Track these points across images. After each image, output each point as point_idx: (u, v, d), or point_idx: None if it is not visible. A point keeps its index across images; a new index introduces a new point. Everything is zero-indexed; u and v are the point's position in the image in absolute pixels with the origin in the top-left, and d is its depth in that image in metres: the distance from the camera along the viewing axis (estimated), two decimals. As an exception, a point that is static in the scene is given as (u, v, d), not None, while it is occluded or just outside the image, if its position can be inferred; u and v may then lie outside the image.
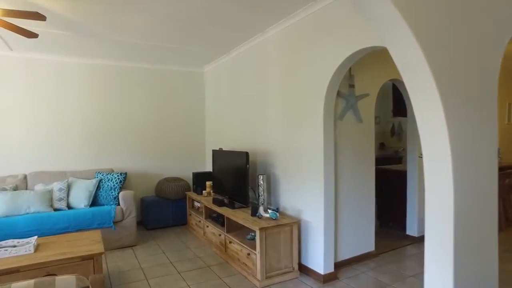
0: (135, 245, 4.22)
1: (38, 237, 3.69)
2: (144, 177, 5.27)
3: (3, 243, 2.86)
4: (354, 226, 3.50)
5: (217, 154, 4.51)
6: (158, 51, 4.54)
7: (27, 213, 3.83)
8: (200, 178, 4.93)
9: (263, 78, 3.93)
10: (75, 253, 2.69)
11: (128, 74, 5.11)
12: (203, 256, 3.80)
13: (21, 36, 3.84)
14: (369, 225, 3.64)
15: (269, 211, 3.27)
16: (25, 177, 4.30)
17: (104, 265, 3.57)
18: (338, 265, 3.29)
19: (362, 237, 3.58)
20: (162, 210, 4.99)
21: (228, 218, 3.62)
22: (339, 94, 3.25)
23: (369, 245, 3.65)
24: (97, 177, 4.46)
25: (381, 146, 7.00)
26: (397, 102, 4.45)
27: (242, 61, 4.41)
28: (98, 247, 2.79)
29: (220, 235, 3.84)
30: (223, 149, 4.74)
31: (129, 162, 5.15)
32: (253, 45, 4.10)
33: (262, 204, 3.56)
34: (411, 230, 4.16)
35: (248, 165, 3.66)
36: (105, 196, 4.32)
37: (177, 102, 5.49)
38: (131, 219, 4.18)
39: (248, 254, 3.19)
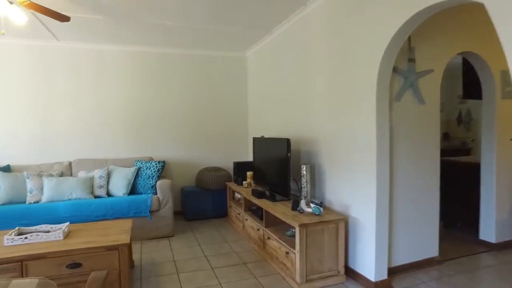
0: (171, 236, 4.08)
1: (76, 223, 3.70)
2: (184, 167, 5.14)
3: (38, 227, 2.83)
4: (412, 227, 2.96)
5: (258, 142, 4.19)
6: (197, 34, 4.31)
7: (70, 199, 3.86)
8: (241, 168, 4.66)
9: (306, 59, 3.51)
10: (100, 243, 2.54)
11: (168, 60, 4.98)
12: (240, 252, 3.52)
13: (66, 26, 3.87)
14: (431, 226, 3.07)
15: (312, 205, 2.88)
16: (69, 164, 4.37)
17: (137, 255, 3.46)
18: (393, 272, 2.80)
19: (423, 239, 3.02)
20: (202, 201, 4.81)
21: (267, 212, 3.30)
22: (395, 70, 2.73)
23: (431, 250, 3.08)
24: (136, 165, 4.39)
25: (445, 136, 6.17)
26: (469, 81, 3.74)
27: (284, 42, 4.01)
28: (124, 238, 2.63)
29: (258, 229, 3.53)
30: (265, 137, 4.40)
31: (170, 151, 5.05)
32: (295, 21, 3.68)
33: (305, 197, 3.18)
34: (487, 234, 3.47)
35: (289, 154, 3.28)
36: (143, 185, 4.23)
37: (219, 89, 5.26)
38: (167, 209, 4.04)
39: (287, 252, 2.83)
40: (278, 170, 3.52)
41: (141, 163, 4.40)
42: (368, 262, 2.66)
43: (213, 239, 3.94)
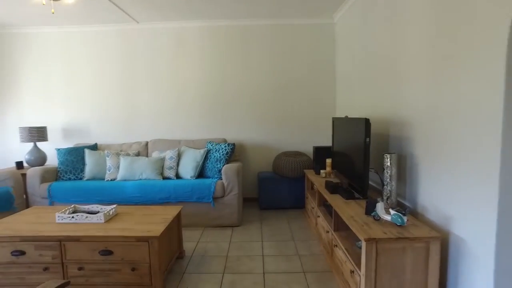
0: (237, 226, 3.72)
1: (141, 204, 3.66)
2: (261, 150, 4.70)
3: (90, 206, 2.79)
4: None
5: (338, 124, 3.41)
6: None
7: (140, 179, 3.86)
8: (321, 154, 3.95)
9: (400, 13, 2.55)
10: (133, 232, 2.30)
11: (247, 34, 4.52)
12: (305, 255, 2.91)
13: (145, 7, 3.82)
14: None
15: (392, 211, 2.05)
16: (146, 144, 4.41)
17: (192, 245, 3.20)
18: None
19: None
20: (277, 189, 4.31)
21: (336, 212, 2.58)
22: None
23: None
24: (207, 147, 4.14)
25: None
26: None
27: (374, -9, 3.07)
28: (156, 230, 2.33)
29: (328, 231, 2.84)
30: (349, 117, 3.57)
31: (246, 133, 4.66)
32: (388, -41, 2.72)
33: (387, 198, 2.34)
34: None
35: (368, 139, 2.46)
36: (211, 168, 3.96)
37: (303, 63, 4.56)
38: (233, 196, 3.67)
39: (352, 271, 2.10)
40: (355, 159, 2.72)
41: (211, 145, 4.13)
42: (478, 307, 1.73)
43: (279, 235, 3.41)
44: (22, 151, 4.75)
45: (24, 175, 4.02)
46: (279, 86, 4.59)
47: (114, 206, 2.73)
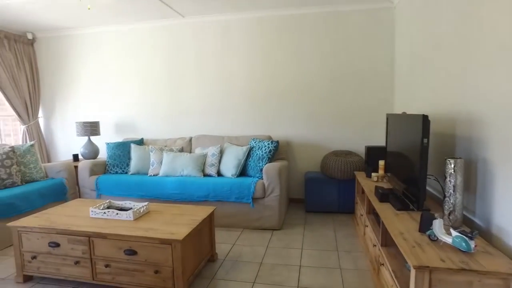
0: (277, 229, 3.48)
1: (180, 201, 3.60)
2: (309, 148, 4.37)
3: (123, 203, 2.77)
4: None
5: (393, 121, 2.96)
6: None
7: (181, 175, 3.81)
8: (373, 155, 3.52)
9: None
10: (157, 234, 2.19)
11: (296, 24, 4.21)
12: (348, 270, 2.56)
13: (189, 1, 3.75)
14: None
15: (454, 232, 1.64)
16: (190, 140, 4.36)
17: (227, 247, 3.03)
18: None
19: None
20: (325, 191, 3.98)
21: (383, 224, 2.20)
22: None
23: None
24: (250, 145, 3.95)
25: None
26: None
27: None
28: (180, 233, 2.18)
29: (375, 245, 2.46)
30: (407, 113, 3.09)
31: (293, 130, 4.37)
32: None
33: (449, 213, 1.92)
34: None
35: (425, 140, 2.04)
36: (252, 167, 3.76)
37: (356, 54, 4.12)
38: (273, 198, 3.43)
39: (398, 301, 1.73)
40: (410, 163, 2.30)
41: (255, 142, 3.92)
42: None
43: (322, 243, 3.09)
44: (79, 144, 5.05)
45: (76, 167, 4.23)
46: (330, 79, 4.21)
47: (146, 203, 2.67)
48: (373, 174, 3.23)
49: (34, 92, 4.97)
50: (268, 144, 3.75)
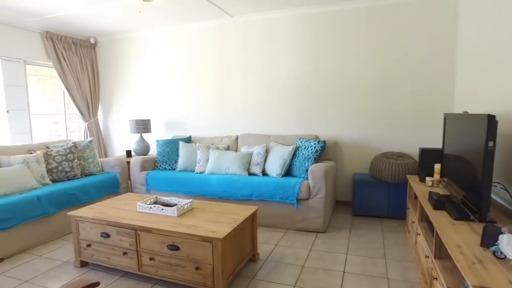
0: (322, 232, 3.36)
1: (225, 199, 3.64)
2: (358, 149, 4.18)
3: (169, 199, 2.86)
4: None
5: (451, 121, 2.70)
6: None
7: (226, 174, 3.85)
8: (428, 158, 3.26)
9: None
10: (198, 231, 2.22)
11: (340, 19, 4.04)
12: (396, 281, 2.39)
13: (237, 0, 3.78)
14: None
15: (523, 247, 1.43)
16: (236, 138, 4.39)
17: (269, 247, 3.00)
18: None
19: None
20: (374, 194, 3.77)
21: (438, 234, 2.01)
22: None
23: None
24: (296, 144, 3.87)
25: None
26: None
27: None
28: (222, 231, 2.19)
29: (427, 257, 2.26)
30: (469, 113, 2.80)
31: (341, 129, 4.21)
32: None
33: (517, 226, 1.69)
34: None
35: (491, 143, 1.82)
36: (298, 167, 3.68)
37: (409, 46, 3.84)
38: (318, 200, 3.32)
39: (453, 321, 1.56)
40: (472, 168, 2.07)
41: (301, 142, 3.84)
42: None
43: (369, 249, 2.93)
44: (132, 141, 5.35)
45: (129, 162, 4.47)
46: (381, 75, 3.98)
47: (190, 200, 2.73)
48: (427, 178, 2.98)
49: (95, 92, 5.36)
50: (315, 144, 3.64)
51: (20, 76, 4.49)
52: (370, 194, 3.80)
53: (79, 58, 5.11)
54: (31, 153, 3.68)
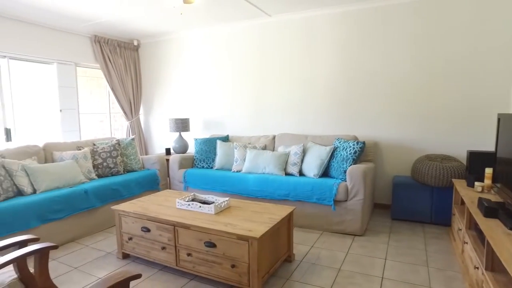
0: (359, 235, 3.27)
1: (261, 198, 3.65)
2: (399, 150, 4.01)
3: (207, 197, 2.92)
4: None
5: (506, 122, 2.51)
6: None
7: (263, 173, 3.86)
8: (478, 161, 3.05)
9: None
10: (235, 229, 2.24)
11: (381, 16, 3.89)
12: (441, 290, 2.26)
13: (275, 1, 3.79)
14: None
15: None
16: (273, 138, 4.38)
17: (305, 248, 2.96)
18: None
19: None
20: (416, 198, 3.60)
21: (489, 244, 1.87)
22: None
23: None
24: (334, 145, 3.79)
25: None
26: None
27: None
28: (258, 231, 2.19)
29: (476, 267, 2.11)
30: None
31: (380, 130, 4.06)
32: None
33: None
34: None
35: (552, 145, 1.66)
36: (336, 168, 3.60)
37: (459, 41, 3.61)
38: (356, 202, 3.23)
39: (507, 338, 1.44)
40: (530, 173, 1.90)
41: (339, 142, 3.75)
42: None
43: (409, 255, 2.80)
44: (171, 139, 5.52)
45: (168, 160, 4.62)
46: (426, 73, 3.78)
47: (227, 199, 2.76)
48: (476, 183, 2.79)
49: (137, 92, 5.60)
50: (353, 144, 3.54)
51: (71, 78, 4.80)
52: (412, 198, 3.63)
53: (123, 59, 5.36)
54: (80, 150, 3.92)
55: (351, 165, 3.46)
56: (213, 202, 2.84)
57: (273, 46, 4.54)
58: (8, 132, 4.12)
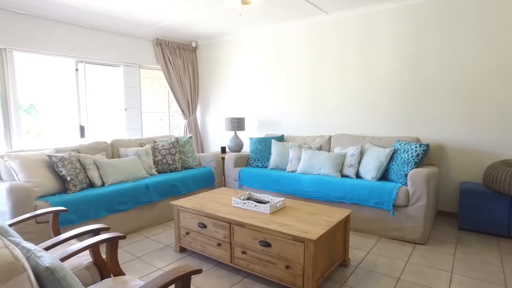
0: (421, 244, 3.05)
1: (316, 199, 3.59)
2: (468, 154, 3.68)
3: (262, 196, 2.94)
4: None
5: None
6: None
7: (318, 174, 3.79)
8: None
9: None
10: (290, 230, 2.22)
11: (448, 8, 3.59)
12: (520, 312, 2.03)
13: None
14: None
15: None
16: (329, 138, 4.27)
17: (361, 254, 2.85)
18: None
19: None
20: (488, 207, 3.28)
21: None
22: None
23: None
24: (394, 147, 3.60)
25: None
26: None
27: None
28: (314, 233, 2.14)
29: None
30: None
31: (446, 132, 3.76)
32: None
33: None
34: None
35: None
36: (396, 171, 3.41)
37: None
38: (418, 208, 3.03)
39: None
40: None
41: (400, 144, 3.55)
42: None
43: (482, 271, 2.54)
44: (226, 138, 5.65)
45: (223, 158, 4.73)
46: (499, 68, 3.42)
47: (283, 199, 2.74)
48: None
49: (194, 92, 5.82)
50: (416, 147, 3.32)
51: (135, 79, 5.14)
52: (483, 207, 3.30)
53: (182, 60, 5.61)
54: (142, 146, 4.18)
55: (413, 168, 3.25)
56: (268, 202, 2.85)
57: (329, 44, 4.43)
58: (82, 129, 4.53)
